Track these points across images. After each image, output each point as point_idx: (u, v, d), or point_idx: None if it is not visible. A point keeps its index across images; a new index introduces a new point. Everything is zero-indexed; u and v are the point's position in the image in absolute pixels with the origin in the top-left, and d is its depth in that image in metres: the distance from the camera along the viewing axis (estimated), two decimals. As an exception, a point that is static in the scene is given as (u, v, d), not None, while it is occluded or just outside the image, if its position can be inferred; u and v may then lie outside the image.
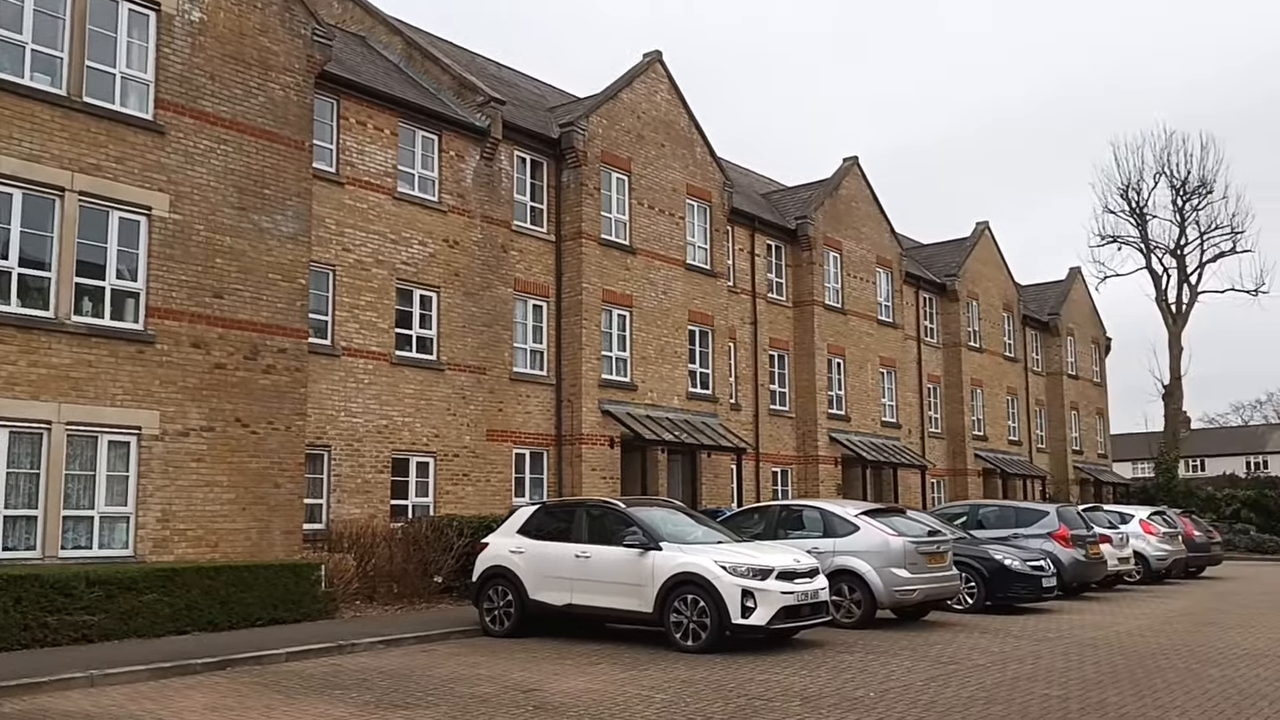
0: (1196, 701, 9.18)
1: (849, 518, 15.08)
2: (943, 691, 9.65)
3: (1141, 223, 49.27)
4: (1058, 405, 44.66)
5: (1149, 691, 9.65)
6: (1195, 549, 25.05)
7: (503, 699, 9.39)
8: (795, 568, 12.40)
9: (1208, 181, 48.07)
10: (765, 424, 28.67)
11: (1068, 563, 18.56)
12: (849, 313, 31.54)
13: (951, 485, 37.04)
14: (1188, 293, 48.79)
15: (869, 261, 32.78)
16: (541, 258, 22.60)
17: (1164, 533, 23.77)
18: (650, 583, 12.45)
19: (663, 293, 24.55)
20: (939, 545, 15.16)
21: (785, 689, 9.76)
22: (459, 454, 20.35)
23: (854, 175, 32.91)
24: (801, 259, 30.33)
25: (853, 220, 32.32)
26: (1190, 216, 48.34)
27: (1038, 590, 16.73)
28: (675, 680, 10.26)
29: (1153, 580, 23.08)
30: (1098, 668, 11.09)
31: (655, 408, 23.84)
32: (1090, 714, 8.64)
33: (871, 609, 14.43)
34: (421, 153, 20.47)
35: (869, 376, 32.24)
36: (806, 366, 29.98)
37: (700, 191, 26.05)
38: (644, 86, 24.91)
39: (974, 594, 16.59)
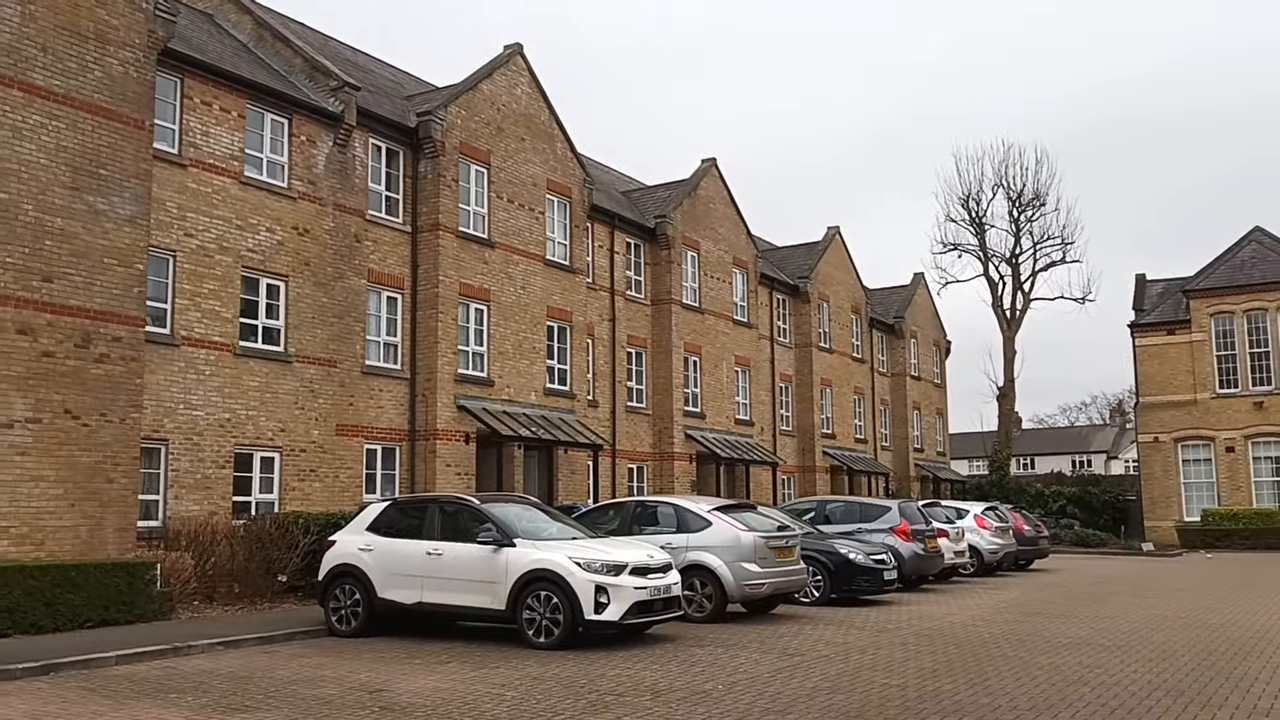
0: (1025, 688, 9.65)
1: (702, 513, 15.28)
2: (789, 683, 9.88)
3: (980, 232, 51.62)
4: (901, 405, 46.39)
5: (981, 679, 10.10)
6: (1025, 543, 26.37)
7: (347, 700, 9.14)
8: (649, 563, 12.49)
9: (1041, 194, 50.74)
10: (622, 421, 28.83)
11: (908, 556, 19.25)
12: (706, 312, 32.01)
13: (801, 481, 38.02)
14: (1021, 299, 51.37)
15: (726, 262, 33.33)
16: (397, 249, 22.13)
17: (996, 527, 24.93)
18: (503, 580, 12.35)
19: (521, 288, 24.39)
20: (787, 540, 15.52)
21: (636, 684, 9.82)
22: (306, 449, 19.75)
23: (712, 176, 33.41)
24: (660, 258, 30.60)
25: (710, 221, 32.81)
26: (1025, 227, 50.91)
27: (880, 583, 17.32)
28: (527, 677, 10.19)
29: (985, 572, 24.17)
30: (934, 657, 11.54)
31: (512, 403, 23.67)
32: (927, 702, 8.98)
33: (722, 603, 14.66)
34: (271, 136, 19.77)
35: (724, 375, 32.80)
36: (664, 364, 30.28)
37: (561, 187, 25.98)
38: (504, 79, 24.69)
39: (820, 587, 17.05)
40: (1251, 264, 40.54)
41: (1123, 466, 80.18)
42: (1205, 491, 39.90)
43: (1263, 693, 9.36)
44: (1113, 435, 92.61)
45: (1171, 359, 40.88)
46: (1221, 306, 40.18)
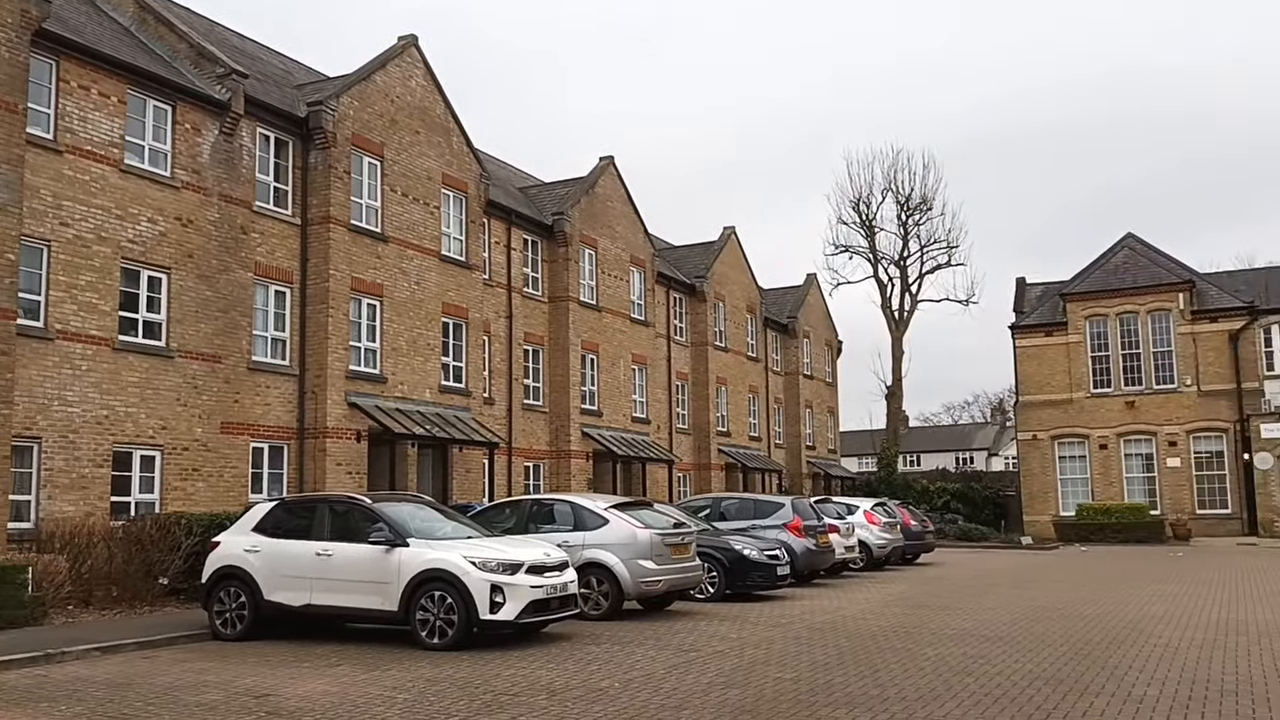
0: (912, 679, 9.89)
1: (599, 511, 15.27)
2: (683, 679, 9.93)
3: (870, 234, 52.83)
4: (794, 403, 47.17)
5: (871, 671, 10.32)
6: (912, 537, 27.05)
7: (232, 706, 8.86)
8: (545, 562, 12.42)
9: (928, 199, 52.18)
10: (519, 419, 28.64)
11: (800, 552, 19.57)
12: (603, 310, 32.01)
13: (697, 479, 38.34)
14: (909, 301, 52.74)
15: (623, 260, 33.40)
16: (285, 241, 21.56)
17: (885, 523, 25.52)
18: (396, 580, 12.13)
19: (416, 283, 24.02)
20: (683, 537, 15.62)
21: (532, 683, 9.75)
22: (189, 447, 19.10)
23: (610, 175, 33.43)
24: (557, 255, 30.49)
25: (608, 219, 32.83)
26: (913, 230, 52.29)
27: (773, 578, 17.56)
28: (419, 679, 10.03)
29: (874, 567, 24.72)
30: (825, 651, 11.75)
31: (406, 401, 23.29)
32: (819, 695, 9.13)
33: (619, 600, 14.68)
34: (153, 124, 19.05)
35: (621, 373, 32.86)
36: (561, 362, 30.18)
37: (456, 181, 25.66)
38: (398, 70, 24.27)
39: (715, 583, 17.20)
40: (1124, 269, 42.38)
41: (1003, 463, 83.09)
42: (1080, 487, 41.57)
43: (1135, 680, 9.77)
44: (994, 433, 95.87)
45: (1049, 359, 42.46)
46: (1096, 309, 41.89)
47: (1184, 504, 39.56)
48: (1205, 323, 40.42)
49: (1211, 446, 40.00)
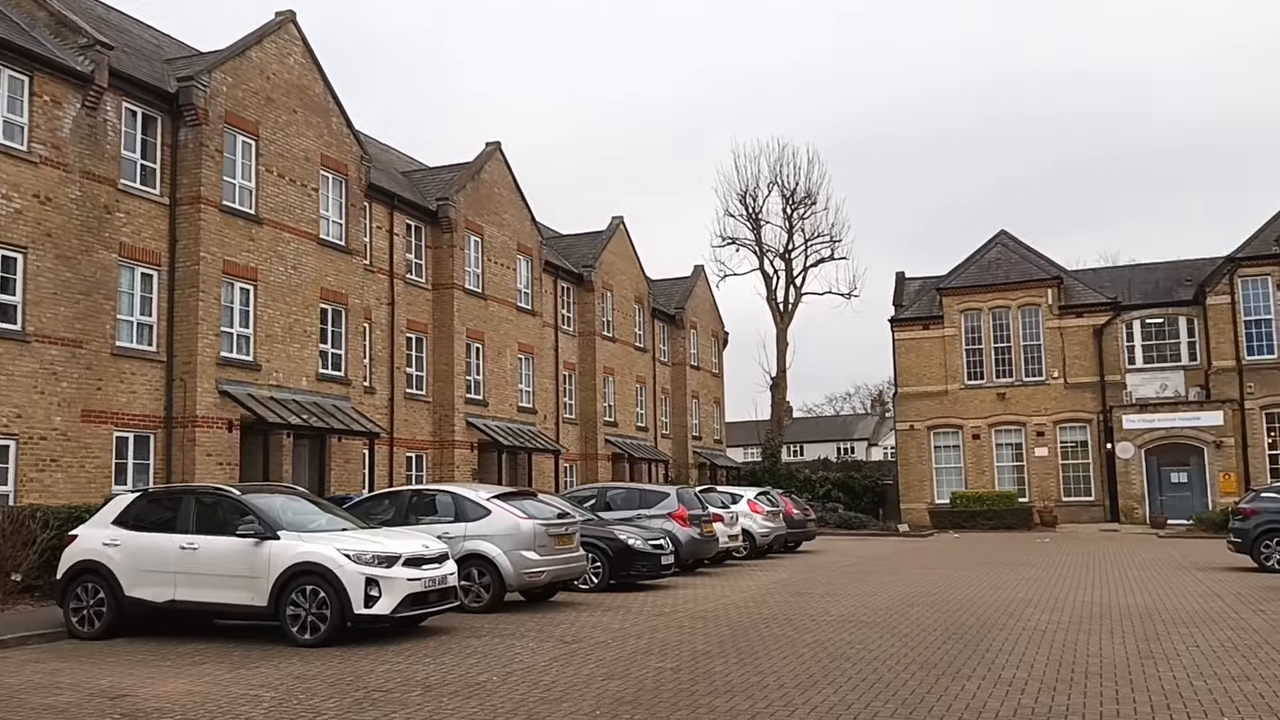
0: (791, 665, 9.95)
1: (480, 502, 15.00)
2: (564, 671, 9.79)
3: (756, 227, 53.38)
4: (681, 394, 47.45)
5: (751, 659, 10.35)
6: (794, 526, 27.47)
7: (86, 708, 8.37)
8: (423, 554, 12.12)
9: (813, 193, 52.96)
10: (401, 408, 28.04)
11: (685, 541, 19.64)
12: (489, 298, 31.58)
13: (584, 469, 38.22)
14: (794, 293, 53.49)
15: (510, 248, 33.00)
16: (153, 222, 20.60)
17: (768, 511, 25.84)
18: (266, 574, 11.68)
19: (292, 267, 23.24)
20: (567, 527, 15.47)
21: (407, 678, 9.48)
22: (47, 437, 18.10)
23: (497, 161, 32.97)
24: (442, 241, 29.94)
25: (495, 206, 32.38)
26: (797, 224, 53.01)
27: (657, 568, 17.56)
28: (288, 677, 9.65)
29: (757, 555, 25.01)
30: (707, 639, 11.75)
31: (281, 389, 22.54)
32: (700, 684, 9.10)
33: (501, 592, 14.45)
34: (9, 95, 17.96)
35: (507, 362, 32.49)
36: (445, 350, 29.66)
37: (336, 163, 24.93)
38: (275, 47, 23.42)
39: (599, 573, 17.10)
40: (997, 265, 43.82)
41: (882, 453, 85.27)
42: (954, 476, 42.90)
43: (1005, 663, 10.02)
44: (874, 423, 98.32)
45: (926, 352, 43.66)
46: (970, 304, 43.22)
47: (1050, 492, 41.16)
48: (1072, 318, 42.09)
49: (1077, 436, 41.71)
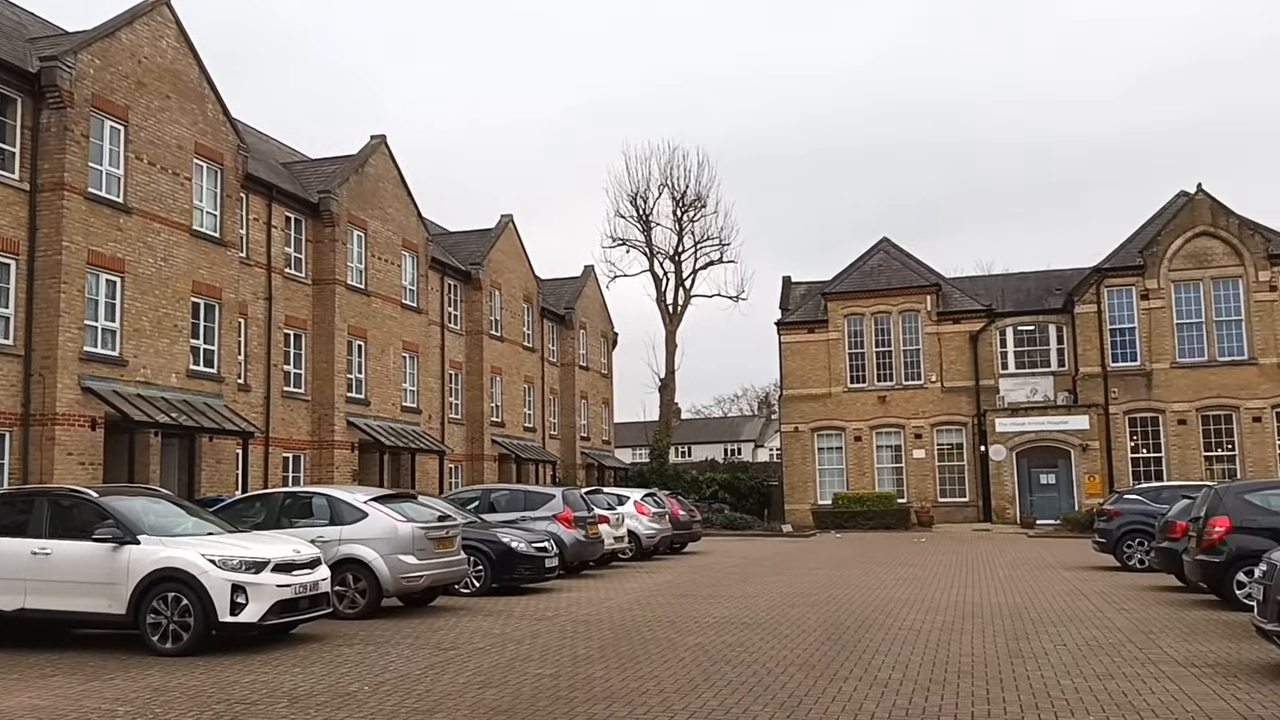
0: (673, 670, 9.87)
1: (357, 504, 14.55)
2: (439, 679, 9.51)
3: (647, 229, 53.59)
4: (570, 394, 47.24)
5: (632, 664, 10.23)
6: (680, 527, 27.54)
7: (-86, 731, 7.76)
8: (294, 559, 11.66)
9: (703, 196, 53.44)
10: (277, 406, 27.16)
11: (570, 543, 19.46)
12: (373, 294, 30.86)
13: (469, 470, 37.69)
14: (683, 295, 53.86)
15: (395, 244, 32.31)
16: (11, 208, 19.47)
17: (654, 513, 25.84)
18: (125, 581, 11.08)
19: (163, 259, 22.27)
20: (448, 530, 15.12)
21: (273, 689, 9.08)
22: (-113, 435, 16.91)
23: (382, 154, 32.26)
24: (324, 235, 29.12)
25: (379, 200, 31.66)
26: (687, 226, 53.43)
27: (541, 571, 17.33)
28: (146, 689, 9.15)
29: (643, 556, 24.98)
30: (589, 644, 11.60)
31: (149, 386, 21.56)
32: (579, 691, 8.94)
33: (377, 598, 14.04)
34: None
35: (391, 361, 31.80)
36: (325, 348, 28.86)
37: (211, 152, 23.98)
38: (148, 30, 22.41)
39: (481, 577, 16.79)
40: (879, 271, 44.84)
41: (768, 454, 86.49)
42: (837, 477, 43.72)
43: (881, 664, 10.13)
44: (760, 425, 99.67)
45: (811, 355, 44.40)
46: (854, 309, 44.13)
47: (927, 492, 42.29)
48: (949, 323, 43.33)
49: (952, 439, 42.94)
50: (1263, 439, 37.90)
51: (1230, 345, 38.83)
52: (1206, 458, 38.44)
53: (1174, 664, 9.89)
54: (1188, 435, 38.72)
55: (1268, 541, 12.46)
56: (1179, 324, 39.27)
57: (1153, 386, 39.17)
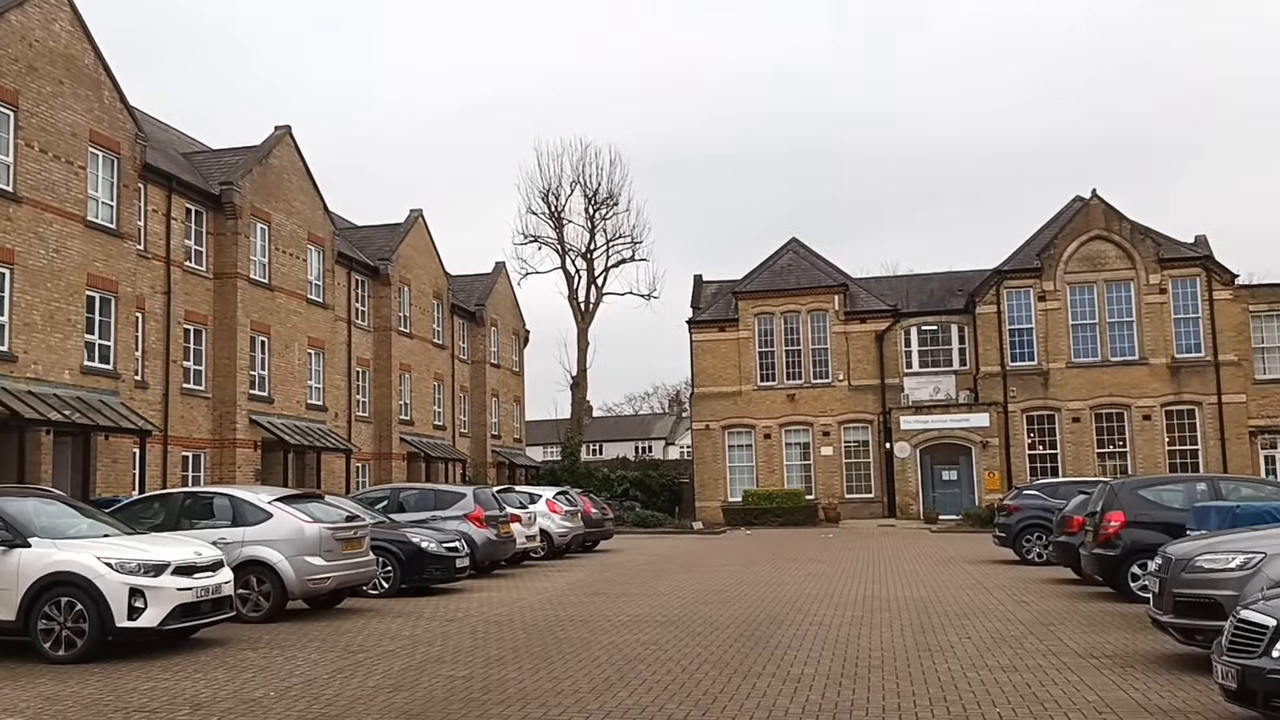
0: (587, 669, 9.82)
1: (261, 505, 14.17)
2: (348, 683, 9.31)
3: (559, 226, 53.49)
4: (481, 392, 46.83)
5: (546, 664, 10.16)
6: (592, 525, 27.50)
7: None
8: (195, 561, 11.29)
9: (615, 194, 53.54)
10: (177, 404, 26.34)
11: (481, 543, 19.26)
12: (277, 289, 30.13)
13: (377, 469, 37.09)
14: (595, 293, 53.87)
15: (300, 237, 31.60)
16: (-111, 195, 18.50)
17: (566, 511, 25.75)
18: (14, 586, 10.60)
19: (55, 251, 21.40)
20: (356, 530, 14.83)
21: (174, 696, 8.77)
22: None
23: (287, 145, 31.52)
24: (225, 228, 28.33)
25: (284, 192, 30.93)
26: (599, 224, 53.48)
27: (452, 571, 17.11)
28: (38, 698, 8.76)
29: (555, 555, 24.87)
30: (502, 644, 11.48)
31: (40, 382, 20.69)
32: (492, 693, 8.83)
33: (282, 600, 13.69)
34: None
35: (295, 357, 31.09)
36: (227, 344, 28.08)
37: (107, 140, 23.13)
38: (39, 12, 21.50)
39: (390, 578, 16.52)
40: (788, 271, 45.41)
41: (679, 452, 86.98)
42: (746, 474, 44.15)
43: (794, 659, 10.23)
44: (671, 423, 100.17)
45: (722, 353, 44.75)
46: (763, 308, 44.61)
47: (835, 489, 42.99)
48: (856, 323, 44.10)
49: (859, 436, 43.72)
50: (1152, 436, 39.42)
51: (1122, 346, 40.28)
52: (1099, 454, 39.83)
53: (1074, 655, 10.20)
54: (1082, 433, 40.07)
55: (1161, 536, 12.90)
56: (1074, 325, 40.61)
57: (1049, 385, 40.43)
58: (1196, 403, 39.31)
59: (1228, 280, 39.93)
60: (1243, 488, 16.74)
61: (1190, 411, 39.42)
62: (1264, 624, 6.46)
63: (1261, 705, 6.39)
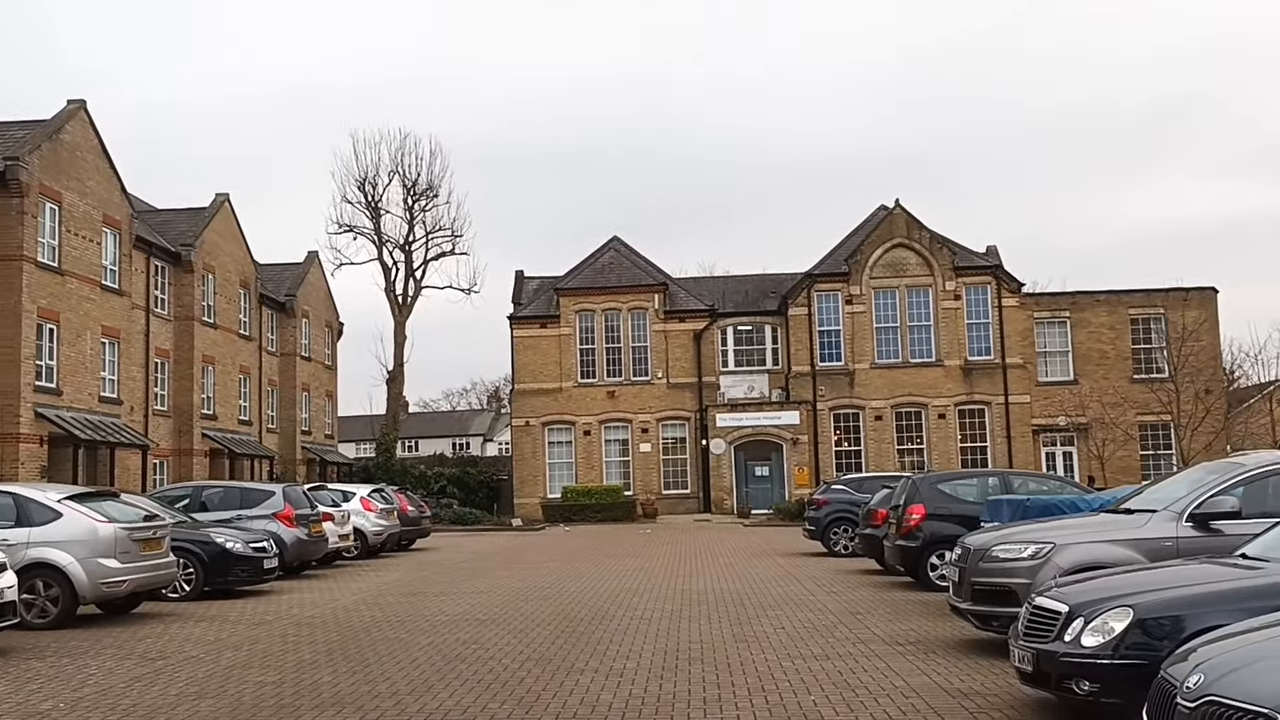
0: (405, 671, 9.58)
1: (49, 504, 13.17)
2: (147, 692, 8.76)
3: (376, 216, 52.11)
4: (290, 386, 45.10)
5: (362, 666, 9.86)
6: (408, 523, 26.94)
7: None
8: (-27, 566, 10.40)
9: (435, 185, 52.55)
10: (-51, 396, 24.18)
11: (291, 542, 18.58)
12: (67, 274, 28.11)
13: (177, 466, 35.19)
14: (413, 286, 52.78)
15: (94, 219, 29.59)
16: None
17: (381, 509, 25.14)
18: None
19: None
20: (155, 530, 13.99)
21: (-53, 715, 8.04)
22: None
23: (81, 121, 29.45)
24: (10, 207, 26.23)
25: (77, 171, 28.89)
26: (419, 216, 52.40)
27: (259, 572, 16.41)
28: None
29: (370, 554, 24.23)
30: (314, 647, 11.07)
31: None
32: (305, 698, 8.50)
33: (72, 605, 12.77)
34: None
35: (88, 347, 29.09)
36: (10, 331, 26.00)
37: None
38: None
39: (192, 580, 15.68)
40: (610, 269, 45.78)
41: (498, 448, 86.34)
42: (566, 471, 44.24)
43: (615, 654, 10.29)
44: (489, 419, 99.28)
45: (543, 350, 44.68)
46: (585, 305, 44.80)
47: (653, 485, 43.62)
48: (675, 322, 44.88)
49: (677, 433, 44.52)
50: (946, 433, 41.80)
51: (921, 348, 42.55)
52: (899, 450, 41.94)
53: (881, 643, 10.67)
54: (883, 430, 42.10)
55: (958, 528, 13.65)
56: (878, 328, 42.62)
57: (855, 385, 42.27)
58: (986, 402, 41.94)
59: (1015, 289, 42.78)
60: (1030, 482, 18.00)
61: (981, 411, 42.03)
62: (1057, 610, 6.91)
63: (1054, 686, 6.83)
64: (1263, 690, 4.30)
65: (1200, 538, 8.84)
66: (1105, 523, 10.03)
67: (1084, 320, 43.02)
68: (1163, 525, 9.18)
